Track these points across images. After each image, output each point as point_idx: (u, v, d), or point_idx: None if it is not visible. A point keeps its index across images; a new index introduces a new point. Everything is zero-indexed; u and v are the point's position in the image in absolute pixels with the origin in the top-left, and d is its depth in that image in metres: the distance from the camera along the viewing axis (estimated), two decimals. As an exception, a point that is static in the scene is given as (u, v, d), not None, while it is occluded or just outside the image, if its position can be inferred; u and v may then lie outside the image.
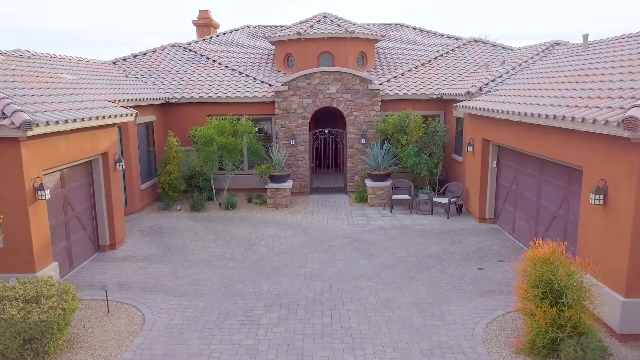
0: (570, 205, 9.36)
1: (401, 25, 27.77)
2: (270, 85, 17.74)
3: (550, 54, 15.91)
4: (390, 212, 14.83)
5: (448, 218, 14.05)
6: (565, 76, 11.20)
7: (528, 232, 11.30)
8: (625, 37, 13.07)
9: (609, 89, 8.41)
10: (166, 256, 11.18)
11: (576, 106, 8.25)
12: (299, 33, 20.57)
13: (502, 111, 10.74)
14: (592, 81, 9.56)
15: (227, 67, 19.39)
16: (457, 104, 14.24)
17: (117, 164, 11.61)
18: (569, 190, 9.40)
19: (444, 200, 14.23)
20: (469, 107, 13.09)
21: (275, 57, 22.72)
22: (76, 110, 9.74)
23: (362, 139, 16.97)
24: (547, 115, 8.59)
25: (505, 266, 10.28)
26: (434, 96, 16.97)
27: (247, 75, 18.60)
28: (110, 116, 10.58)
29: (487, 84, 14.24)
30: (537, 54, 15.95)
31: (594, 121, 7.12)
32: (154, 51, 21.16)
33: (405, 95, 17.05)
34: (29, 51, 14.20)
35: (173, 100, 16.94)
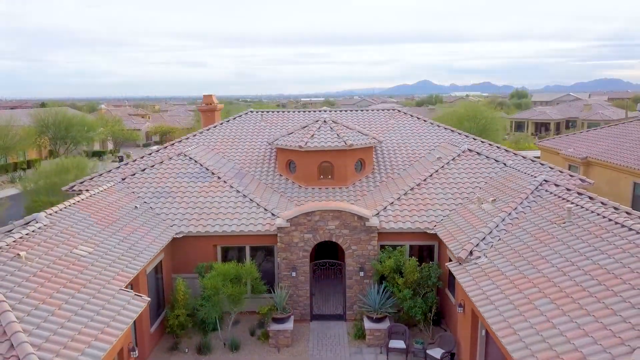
0: None
1: (399, 110, 28.78)
2: (273, 214, 18.61)
3: (540, 196, 16.80)
4: (387, 358, 15.73)
5: (440, 372, 14.94)
6: (546, 279, 12.04)
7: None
8: (605, 210, 13.91)
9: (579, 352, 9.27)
10: None
11: (550, 375, 9.11)
12: (300, 147, 21.51)
13: (486, 316, 11.60)
14: (567, 315, 10.40)
15: (232, 187, 20.22)
16: (449, 264, 15.12)
17: (132, 352, 12.50)
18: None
19: (437, 354, 15.12)
20: (459, 277, 13.95)
21: (278, 160, 23.68)
22: (95, 335, 10.62)
23: (360, 272, 17.86)
24: (524, 372, 9.47)
25: None
26: (428, 231, 17.83)
27: (251, 199, 19.45)
28: (128, 322, 11.47)
29: (477, 245, 15.09)
30: (527, 197, 16.83)
31: None
32: (161, 162, 22.05)
33: (401, 229, 17.93)
34: (45, 212, 15.13)
35: (181, 236, 17.83)
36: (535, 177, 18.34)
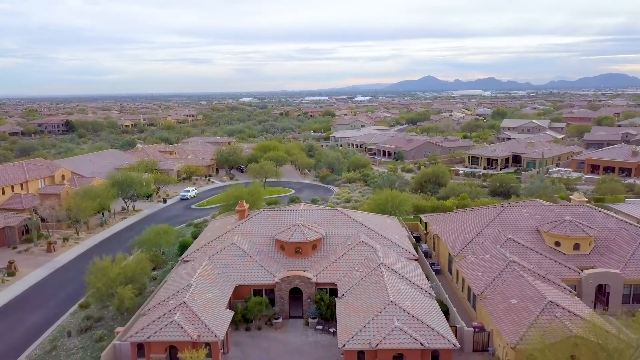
0: None
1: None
2: (274, 275, 45.52)
3: None
4: (316, 333, 42.67)
5: None
6: None
7: None
8: None
9: None
10: None
11: None
12: (285, 241, 48.42)
13: None
14: None
15: (257, 262, 47.09)
16: None
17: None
18: None
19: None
20: None
21: (276, 244, 50.56)
22: None
23: (308, 299, 44.69)
24: None
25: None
26: (335, 283, 44.76)
27: (266, 269, 46.31)
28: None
29: None
30: None
31: None
32: (224, 248, 48.91)
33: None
34: None
35: (238, 284, 44.72)
36: None
